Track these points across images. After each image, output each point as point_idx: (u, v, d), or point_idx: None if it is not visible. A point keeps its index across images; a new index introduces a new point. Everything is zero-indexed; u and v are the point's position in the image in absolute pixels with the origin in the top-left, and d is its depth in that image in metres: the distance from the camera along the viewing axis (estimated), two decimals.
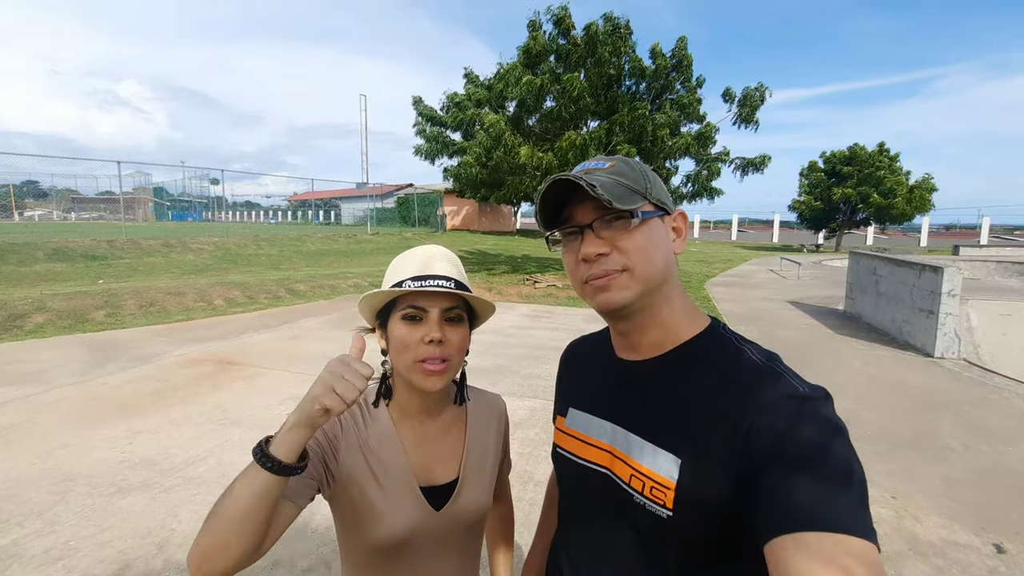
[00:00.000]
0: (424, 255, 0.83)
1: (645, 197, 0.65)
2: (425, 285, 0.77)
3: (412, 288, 0.77)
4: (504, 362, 5.43)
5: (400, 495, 0.82)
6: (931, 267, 6.21)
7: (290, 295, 9.39)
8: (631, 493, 0.65)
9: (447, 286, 0.78)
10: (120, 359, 5.27)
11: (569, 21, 11.45)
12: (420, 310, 0.79)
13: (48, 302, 7.12)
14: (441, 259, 0.83)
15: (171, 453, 3.22)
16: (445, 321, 0.80)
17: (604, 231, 0.65)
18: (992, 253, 15.10)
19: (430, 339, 0.78)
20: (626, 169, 0.67)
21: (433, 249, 0.85)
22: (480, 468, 0.92)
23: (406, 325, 0.79)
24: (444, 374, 0.80)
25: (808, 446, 0.52)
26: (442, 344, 0.78)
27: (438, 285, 0.78)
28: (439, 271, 0.80)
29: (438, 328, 0.78)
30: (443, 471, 0.88)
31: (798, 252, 27.26)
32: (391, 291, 0.79)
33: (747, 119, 12.42)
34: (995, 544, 2.44)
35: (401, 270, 0.81)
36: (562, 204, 0.68)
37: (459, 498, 0.87)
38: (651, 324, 0.68)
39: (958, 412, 4.17)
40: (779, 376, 0.60)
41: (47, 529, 2.41)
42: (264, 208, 50.07)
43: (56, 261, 10.81)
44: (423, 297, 0.78)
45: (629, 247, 0.64)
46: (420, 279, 0.78)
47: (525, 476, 3.01)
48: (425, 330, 0.78)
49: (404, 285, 0.78)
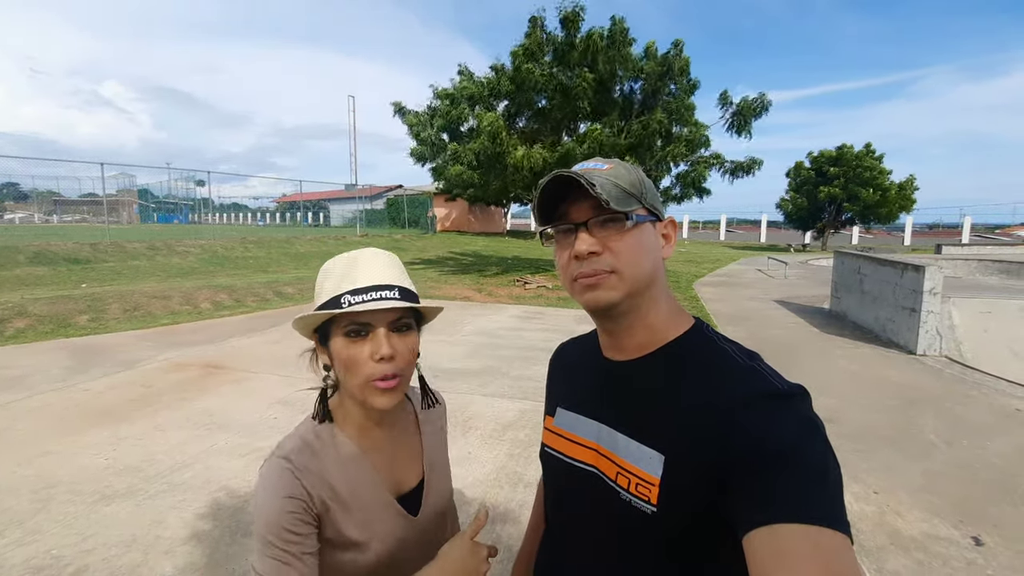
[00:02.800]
0: (360, 262, 0.75)
1: (640, 201, 0.67)
2: (368, 300, 0.70)
3: (353, 306, 0.70)
4: (494, 363, 5.43)
5: (380, 516, 0.80)
6: (913, 266, 6.32)
7: (278, 298, 9.31)
8: (617, 490, 0.66)
9: (392, 296, 0.72)
10: (104, 364, 5.19)
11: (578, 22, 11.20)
12: (364, 325, 0.72)
13: (29, 307, 6.99)
14: (379, 265, 0.75)
15: (156, 459, 3.18)
16: (393, 331, 0.73)
17: (598, 230, 0.66)
18: (974, 252, 15.38)
19: (380, 356, 0.71)
20: (623, 172, 0.68)
21: (369, 254, 0.77)
22: (438, 462, 0.92)
23: (350, 343, 0.72)
24: (397, 390, 0.74)
25: (785, 442, 0.54)
26: (393, 360, 0.72)
27: (381, 297, 0.71)
28: (380, 279, 0.73)
29: (387, 343, 0.72)
30: (410, 475, 0.86)
31: (785, 252, 27.57)
32: (327, 313, 0.72)
33: (740, 128, 12.11)
34: (974, 537, 2.50)
35: (336, 282, 0.73)
36: (558, 201, 0.69)
37: (430, 495, 0.86)
38: (638, 325, 0.70)
39: (940, 408, 4.25)
40: (759, 374, 0.62)
41: (28, 538, 2.37)
42: (252, 210, 49.53)
43: (37, 265, 10.61)
44: (365, 313, 0.71)
45: (620, 249, 0.65)
46: (361, 292, 0.71)
47: (515, 477, 3.02)
48: (373, 347, 0.72)
49: (343, 301, 0.70)
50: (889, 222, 31.60)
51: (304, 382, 0.84)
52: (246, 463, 3.14)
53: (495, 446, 3.45)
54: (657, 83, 11.94)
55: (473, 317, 7.99)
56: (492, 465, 3.17)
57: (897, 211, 29.15)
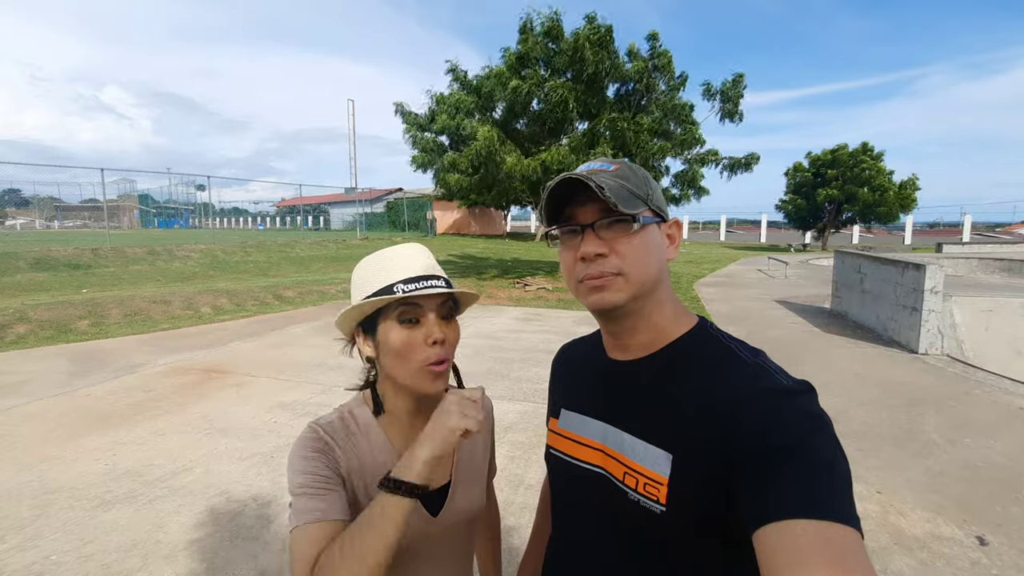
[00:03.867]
0: (408, 255, 0.80)
1: (646, 203, 0.67)
2: (420, 287, 0.76)
3: (408, 292, 0.75)
4: (495, 365, 5.42)
5: None
6: (914, 265, 6.31)
7: (278, 301, 9.31)
8: (625, 491, 0.66)
9: (441, 286, 0.77)
10: (104, 369, 5.19)
11: (559, 30, 11.44)
12: (417, 311, 0.77)
13: (30, 312, 7.00)
14: (425, 258, 0.81)
15: (156, 464, 3.17)
16: (441, 319, 0.79)
17: (605, 232, 0.66)
18: (974, 250, 15.38)
19: (433, 340, 0.76)
20: (630, 174, 0.68)
21: (413, 248, 0.83)
22: (471, 466, 0.90)
23: (404, 329, 0.76)
24: (447, 374, 0.79)
25: (793, 437, 0.54)
26: (444, 343, 0.77)
27: (432, 286, 0.76)
28: (427, 271, 0.79)
29: (438, 328, 0.77)
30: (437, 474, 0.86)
31: (785, 252, 27.57)
32: (388, 299, 0.75)
33: (731, 113, 12.22)
34: (978, 536, 2.48)
35: (386, 274, 0.78)
36: (565, 202, 0.69)
37: (454, 500, 0.85)
38: (642, 326, 0.70)
39: (942, 407, 4.24)
40: (765, 371, 0.62)
41: (28, 543, 2.36)
42: (252, 214, 49.58)
43: (38, 270, 10.63)
44: (419, 299, 0.77)
45: (627, 251, 0.65)
46: (412, 281, 0.76)
47: (516, 480, 3.01)
48: (425, 332, 0.76)
49: (396, 289, 0.75)
50: (889, 222, 31.57)
51: (305, 386, 0.83)
52: (246, 467, 3.13)
53: (496, 448, 3.43)
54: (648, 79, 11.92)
55: (473, 319, 7.99)
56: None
57: (897, 210, 29.12)
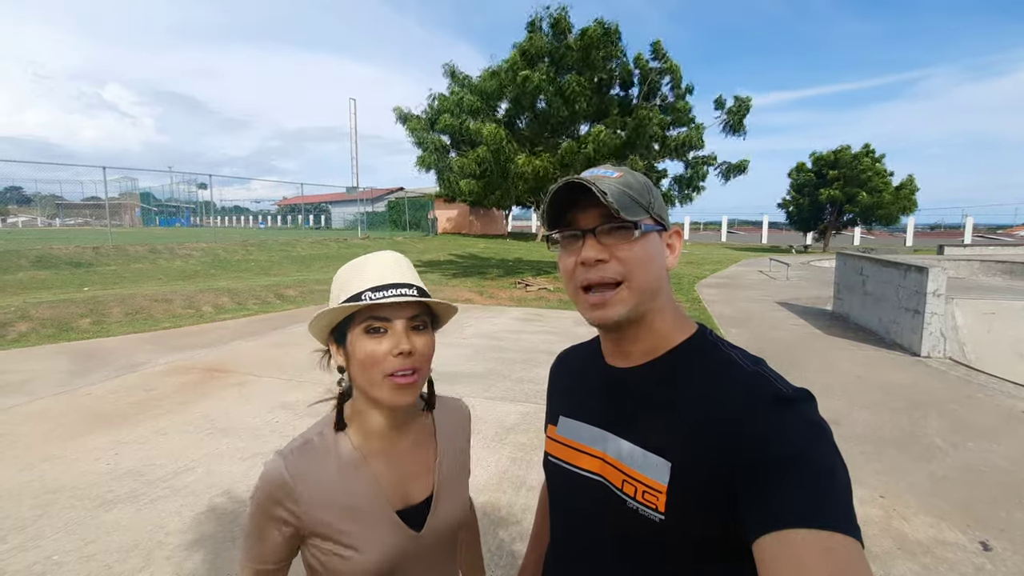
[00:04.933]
0: (379, 263, 0.78)
1: (647, 211, 0.67)
2: (387, 295, 0.73)
3: (374, 300, 0.73)
4: (496, 366, 5.41)
5: (377, 528, 0.78)
6: (916, 267, 6.30)
7: (280, 301, 9.31)
8: (624, 498, 0.66)
9: (410, 294, 0.75)
10: (106, 368, 5.19)
11: (565, 24, 11.53)
12: (384, 321, 0.75)
13: (31, 310, 7.00)
14: (397, 266, 0.78)
15: (158, 463, 3.17)
16: (411, 330, 0.76)
17: (606, 238, 0.66)
18: (976, 252, 15.34)
19: (399, 351, 0.74)
20: (633, 181, 0.68)
21: (387, 256, 0.80)
22: (453, 477, 0.89)
23: (370, 339, 0.75)
24: (414, 386, 0.76)
25: (793, 446, 0.54)
26: (411, 355, 0.75)
27: (401, 294, 0.74)
28: (398, 279, 0.76)
29: (406, 339, 0.75)
30: (418, 488, 0.84)
31: (787, 253, 27.53)
32: (350, 306, 0.74)
33: (735, 127, 12.64)
34: (981, 542, 2.47)
35: (355, 281, 0.76)
36: (567, 206, 0.69)
37: (437, 513, 0.84)
38: (643, 334, 0.70)
39: (945, 411, 4.22)
40: (764, 379, 0.62)
41: (30, 544, 2.36)
42: (253, 213, 49.64)
43: (40, 268, 10.64)
44: (386, 308, 0.74)
45: (628, 258, 0.65)
46: (380, 289, 0.74)
47: (518, 481, 3.00)
48: (392, 342, 0.74)
49: (363, 297, 0.73)
50: (890, 223, 31.52)
51: (307, 385, 0.84)
52: (248, 467, 3.13)
53: (497, 450, 3.43)
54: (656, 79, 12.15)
55: (475, 320, 7.99)
56: (494, 469, 3.16)
57: (898, 212, 29.06)
